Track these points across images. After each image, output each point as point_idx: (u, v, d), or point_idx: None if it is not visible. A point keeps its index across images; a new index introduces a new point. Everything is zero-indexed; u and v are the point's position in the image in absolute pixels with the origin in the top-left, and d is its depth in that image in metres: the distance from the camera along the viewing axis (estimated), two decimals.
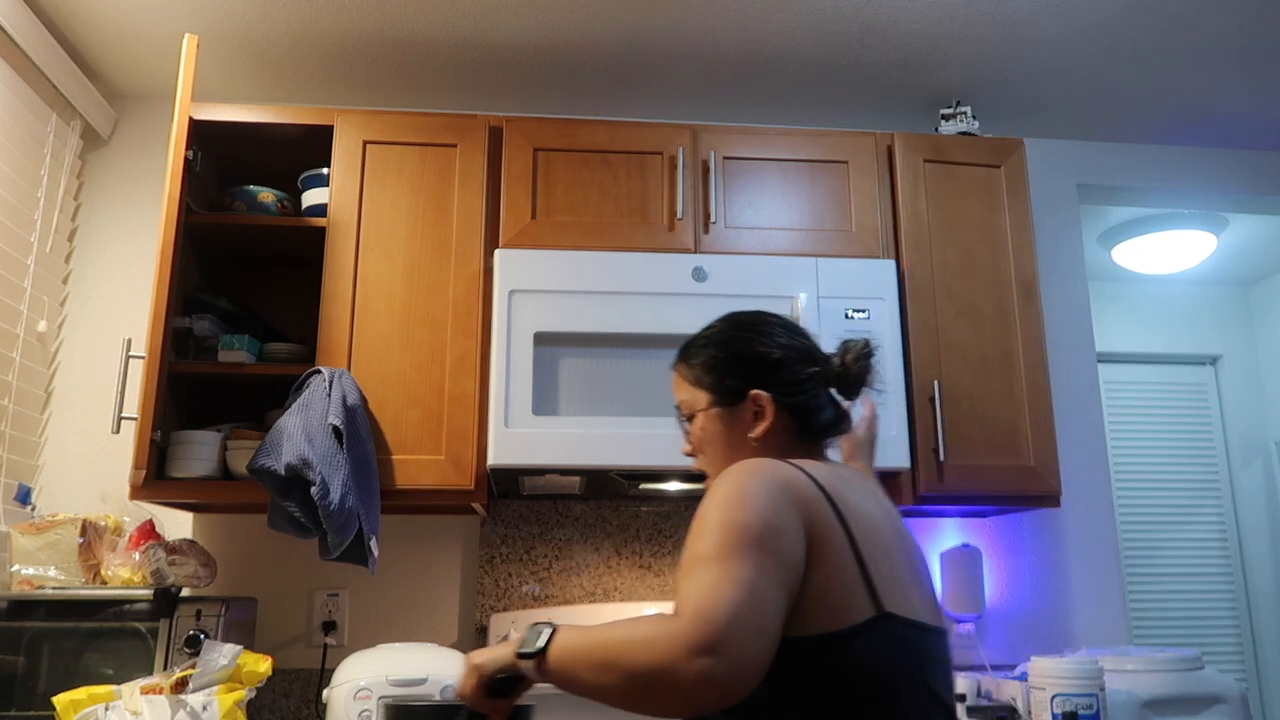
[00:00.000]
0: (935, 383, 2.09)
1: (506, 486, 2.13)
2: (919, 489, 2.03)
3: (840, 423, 1.23)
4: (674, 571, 2.32)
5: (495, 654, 1.05)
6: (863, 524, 1.03)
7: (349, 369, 1.97)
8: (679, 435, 1.91)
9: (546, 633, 0.99)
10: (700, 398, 1.22)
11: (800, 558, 0.95)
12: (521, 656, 0.99)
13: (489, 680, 1.05)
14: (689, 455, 1.24)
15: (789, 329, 1.23)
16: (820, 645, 0.95)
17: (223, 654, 1.63)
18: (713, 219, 2.12)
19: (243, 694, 1.63)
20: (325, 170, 2.16)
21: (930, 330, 2.13)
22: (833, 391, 1.23)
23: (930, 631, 1.04)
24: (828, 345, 1.99)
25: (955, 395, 2.10)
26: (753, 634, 0.85)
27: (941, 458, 2.05)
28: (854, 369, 1.21)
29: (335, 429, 1.80)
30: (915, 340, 2.11)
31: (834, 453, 1.30)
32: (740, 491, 0.97)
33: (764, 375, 1.18)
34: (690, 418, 1.24)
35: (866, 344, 1.22)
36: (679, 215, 2.10)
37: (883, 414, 1.98)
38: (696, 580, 0.90)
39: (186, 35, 1.96)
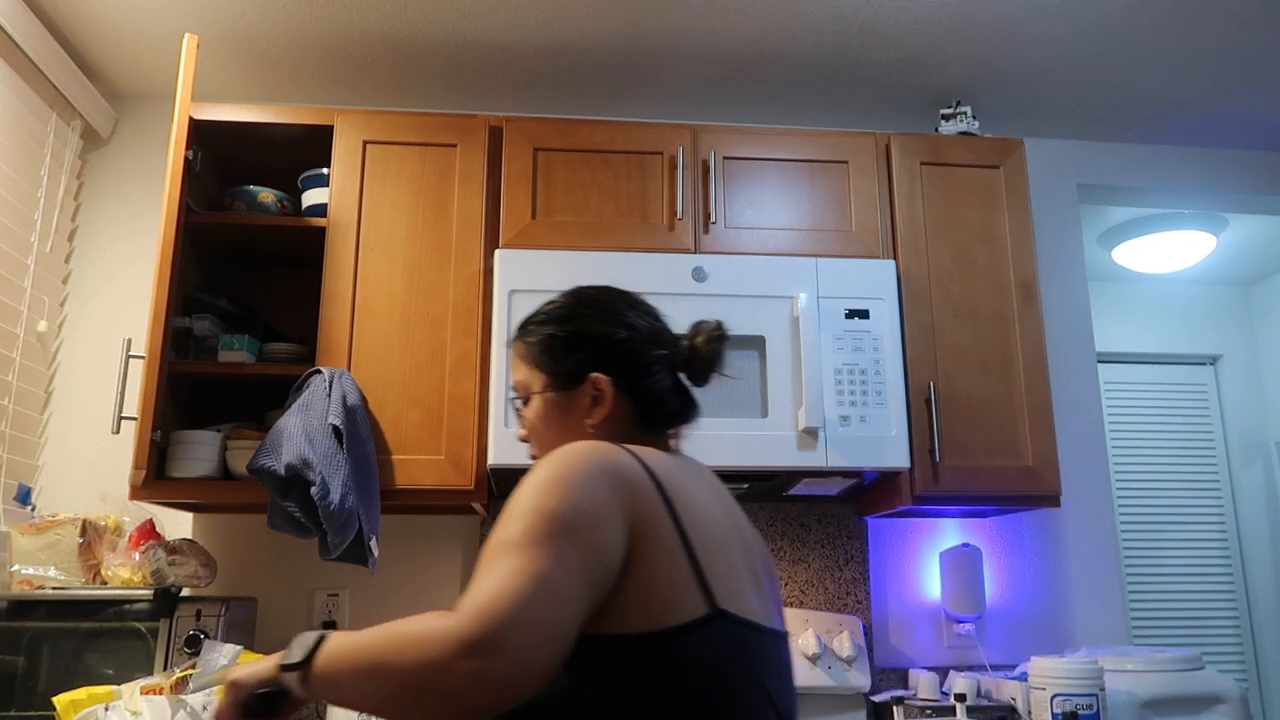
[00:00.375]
0: (931, 384, 2.09)
1: (506, 486, 2.12)
2: (915, 489, 2.03)
3: (686, 411, 1.16)
4: None
5: (257, 668, 0.92)
6: (698, 519, 0.96)
7: (349, 369, 1.97)
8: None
9: (313, 640, 0.88)
10: (536, 379, 1.13)
11: (617, 551, 0.88)
12: (285, 669, 0.88)
13: (247, 699, 0.92)
14: (523, 440, 1.17)
15: (637, 308, 1.15)
16: (647, 643, 0.88)
17: (223, 654, 1.63)
18: (713, 219, 2.12)
19: None
20: (325, 170, 2.16)
21: (926, 332, 2.13)
22: (681, 377, 1.15)
23: (767, 634, 0.98)
24: (827, 345, 2.00)
25: (952, 396, 2.10)
26: (537, 633, 0.78)
27: (937, 459, 2.05)
28: (704, 353, 1.13)
29: (335, 429, 1.80)
30: (911, 342, 2.11)
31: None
32: (557, 476, 0.90)
33: (605, 358, 1.10)
34: (525, 400, 1.15)
35: (718, 326, 1.15)
36: (679, 215, 2.10)
37: (883, 414, 1.98)
38: (487, 572, 0.83)
39: (186, 35, 1.96)
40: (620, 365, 1.10)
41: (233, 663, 1.64)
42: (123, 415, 1.89)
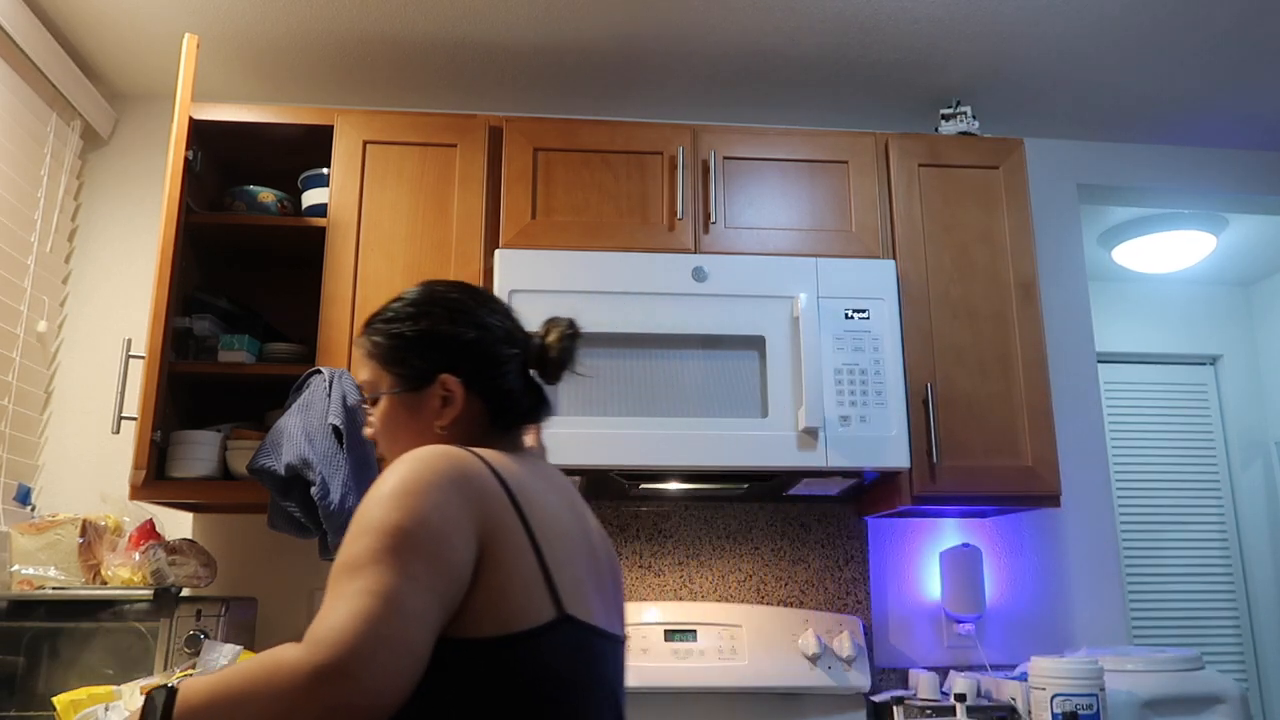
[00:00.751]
0: (929, 385, 2.09)
1: None
2: (914, 490, 2.03)
3: (539, 409, 1.14)
4: (674, 572, 2.32)
5: None
6: (547, 523, 0.96)
7: (349, 369, 1.97)
8: (679, 435, 1.91)
9: (162, 698, 0.83)
10: (383, 379, 1.10)
11: (467, 561, 0.87)
12: None
13: None
14: (371, 439, 1.14)
15: (488, 306, 1.13)
16: (494, 648, 0.87)
17: (223, 654, 1.63)
18: (713, 219, 2.12)
19: None
20: (325, 170, 2.16)
21: (924, 333, 2.13)
22: (533, 374, 1.14)
23: (609, 639, 1.00)
24: (827, 345, 2.00)
25: (951, 397, 2.10)
26: (390, 654, 0.78)
27: (935, 459, 2.05)
28: (555, 351, 1.11)
29: (335, 429, 1.80)
30: (909, 343, 2.11)
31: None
32: (402, 487, 0.88)
33: (455, 357, 1.08)
34: (374, 400, 1.11)
35: (571, 324, 1.13)
36: (679, 215, 2.10)
37: (883, 414, 1.98)
38: (335, 594, 0.82)
39: (186, 35, 1.96)
40: (470, 366, 1.08)
41: (233, 662, 1.64)
42: (123, 415, 1.89)
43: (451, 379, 1.07)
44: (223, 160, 2.26)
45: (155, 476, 1.89)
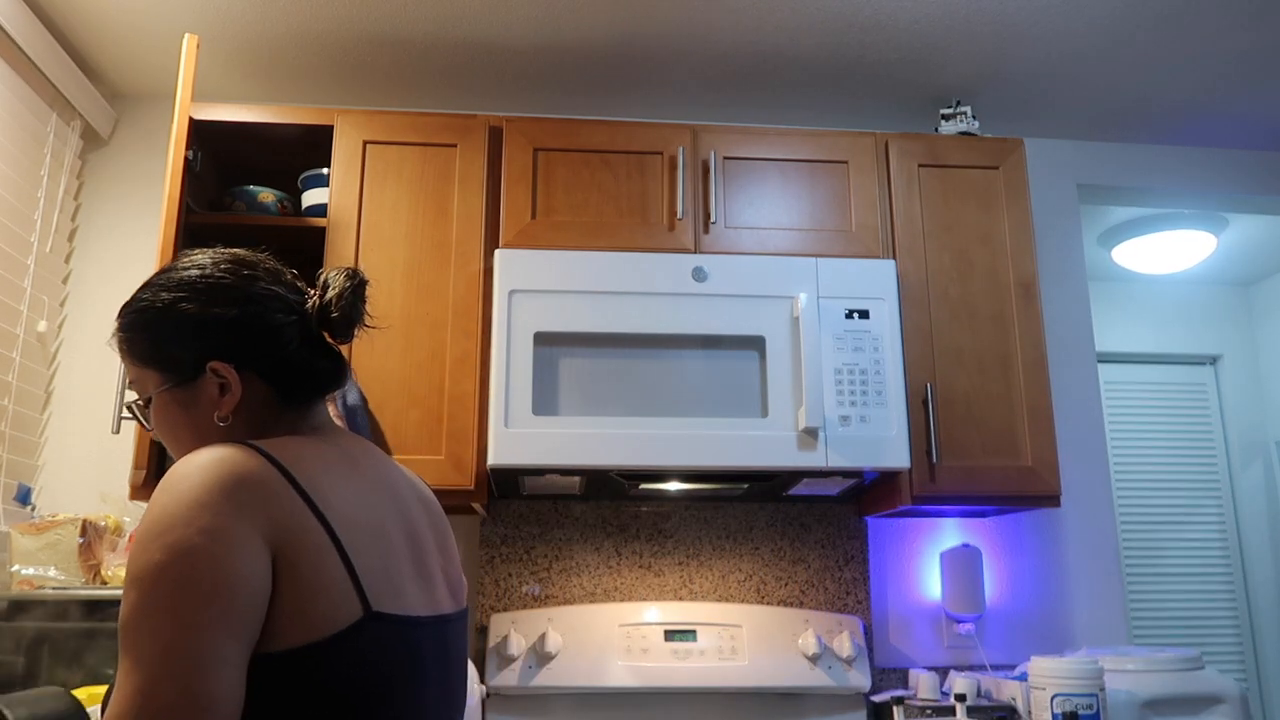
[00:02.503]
0: (928, 385, 2.09)
1: (506, 486, 2.13)
2: (914, 490, 2.03)
3: (335, 376, 1.02)
4: (674, 572, 2.32)
5: None
6: (350, 513, 0.87)
7: (349, 369, 1.97)
8: (679, 435, 1.92)
9: None
10: (150, 377, 0.98)
11: (260, 580, 0.79)
12: None
13: None
14: (157, 441, 1.05)
15: (252, 273, 0.99)
16: (298, 658, 0.79)
17: None
18: (713, 219, 2.12)
19: None
20: (325, 170, 2.16)
21: (924, 333, 2.13)
22: (325, 336, 1.01)
23: (428, 624, 0.92)
24: (827, 345, 2.00)
25: (950, 397, 2.10)
26: (191, 717, 0.72)
27: (935, 459, 2.05)
28: (337, 307, 0.98)
29: None
30: (909, 343, 2.11)
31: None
32: (163, 520, 0.78)
33: (221, 340, 0.95)
34: (146, 402, 0.99)
35: (351, 273, 1.00)
36: (679, 215, 2.10)
37: (884, 414, 1.98)
38: (120, 665, 0.74)
39: (186, 35, 1.96)
40: (241, 345, 0.95)
41: None
42: (123, 415, 1.89)
43: (222, 365, 0.95)
44: (223, 160, 2.26)
45: (155, 476, 1.88)
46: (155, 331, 0.97)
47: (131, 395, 1.01)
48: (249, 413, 0.96)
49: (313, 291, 1.00)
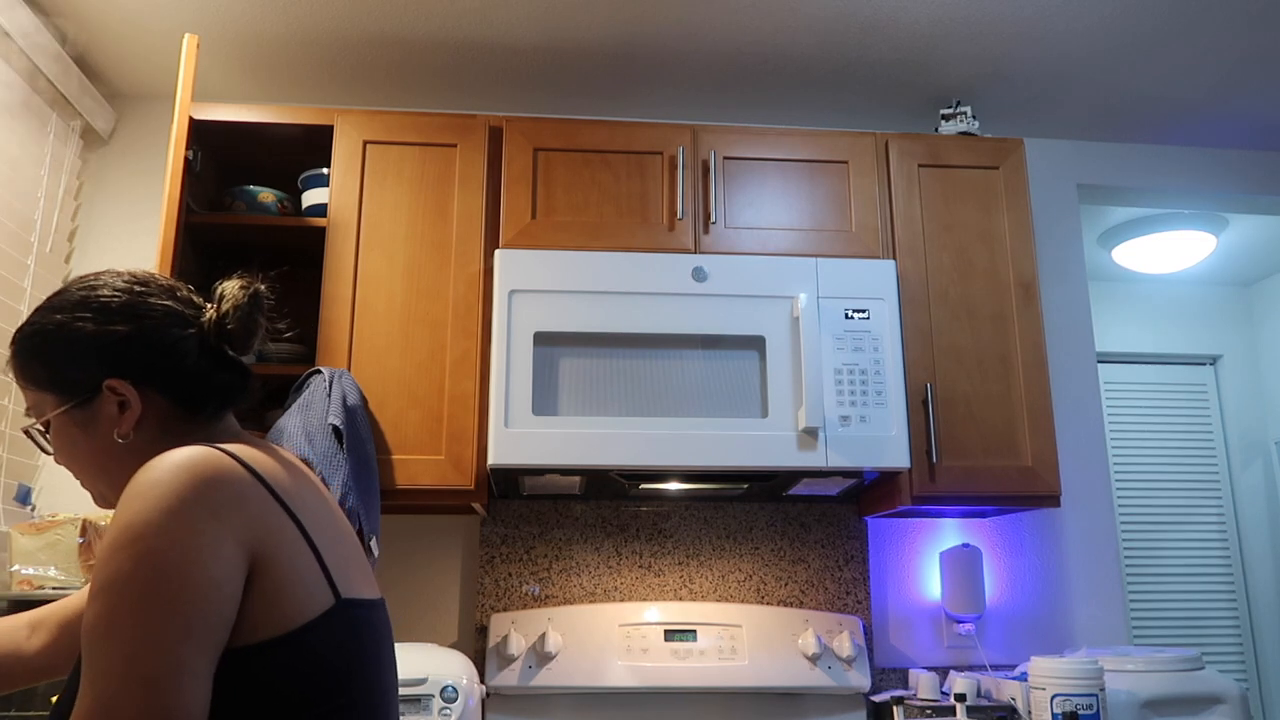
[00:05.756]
0: (928, 385, 2.10)
1: (506, 486, 2.13)
2: (913, 490, 2.04)
3: (238, 387, 1.00)
4: (674, 572, 2.32)
5: None
6: (307, 508, 0.89)
7: (349, 369, 1.97)
8: (679, 435, 1.92)
9: None
10: (46, 400, 0.97)
11: (234, 589, 0.79)
12: None
13: None
14: (62, 465, 1.00)
15: (145, 289, 0.98)
16: (270, 650, 0.80)
17: None
18: (713, 219, 2.12)
19: None
20: (325, 170, 2.16)
21: (924, 333, 2.13)
22: (226, 349, 1.00)
23: (376, 606, 0.95)
24: (827, 345, 2.00)
25: (950, 398, 2.10)
26: None
27: (935, 459, 2.05)
28: (233, 320, 0.98)
29: (335, 429, 1.80)
30: (909, 343, 2.11)
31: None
32: (145, 523, 0.77)
33: (114, 358, 0.94)
34: (46, 426, 0.98)
35: (245, 285, 0.99)
36: (679, 215, 2.10)
37: (884, 414, 1.98)
38: (84, 676, 0.73)
39: (186, 35, 1.96)
40: (137, 363, 0.95)
41: None
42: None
43: (119, 382, 0.94)
44: (223, 160, 2.26)
45: None
46: (49, 354, 0.96)
47: (28, 421, 1.00)
48: (152, 429, 0.95)
49: (210, 305, 1.00)
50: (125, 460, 0.94)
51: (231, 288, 0.99)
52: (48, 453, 1.00)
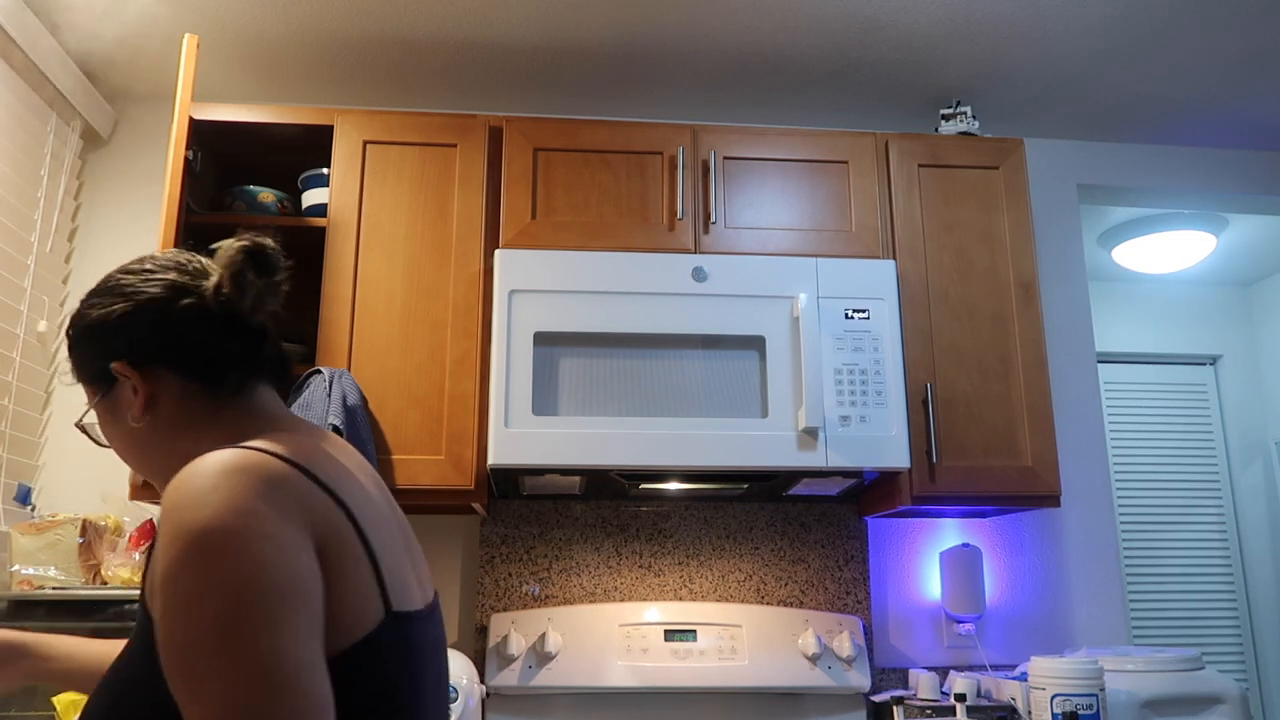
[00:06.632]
0: (929, 385, 2.10)
1: (506, 486, 2.13)
2: (913, 490, 2.04)
3: (255, 354, 0.93)
4: (674, 572, 2.32)
5: None
6: (367, 513, 0.83)
7: (349, 369, 1.97)
8: (679, 435, 1.92)
9: None
10: (87, 393, 0.95)
11: (320, 587, 0.75)
12: None
13: None
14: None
15: (138, 268, 0.94)
16: (332, 667, 0.75)
17: None
18: (713, 219, 2.12)
19: None
20: (325, 170, 2.16)
21: (924, 333, 2.13)
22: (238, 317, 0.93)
23: (425, 616, 0.89)
24: (827, 345, 2.00)
25: (950, 398, 2.10)
26: None
27: (935, 459, 2.05)
28: (229, 284, 0.90)
29: (335, 429, 1.80)
30: (909, 343, 2.11)
31: None
32: (219, 529, 0.71)
33: (115, 338, 0.90)
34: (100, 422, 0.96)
35: (242, 242, 0.90)
36: (679, 215, 2.10)
37: (884, 414, 1.98)
38: (208, 698, 0.67)
39: (186, 35, 1.96)
40: (134, 342, 0.90)
41: None
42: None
43: (120, 364, 0.90)
44: (223, 160, 2.26)
45: None
46: (74, 345, 0.95)
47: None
48: (170, 410, 0.91)
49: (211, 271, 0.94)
50: (157, 446, 0.91)
51: (227, 246, 0.90)
52: (104, 445, 0.97)
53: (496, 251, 2.00)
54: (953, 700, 2.01)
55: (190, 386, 0.91)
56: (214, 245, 0.93)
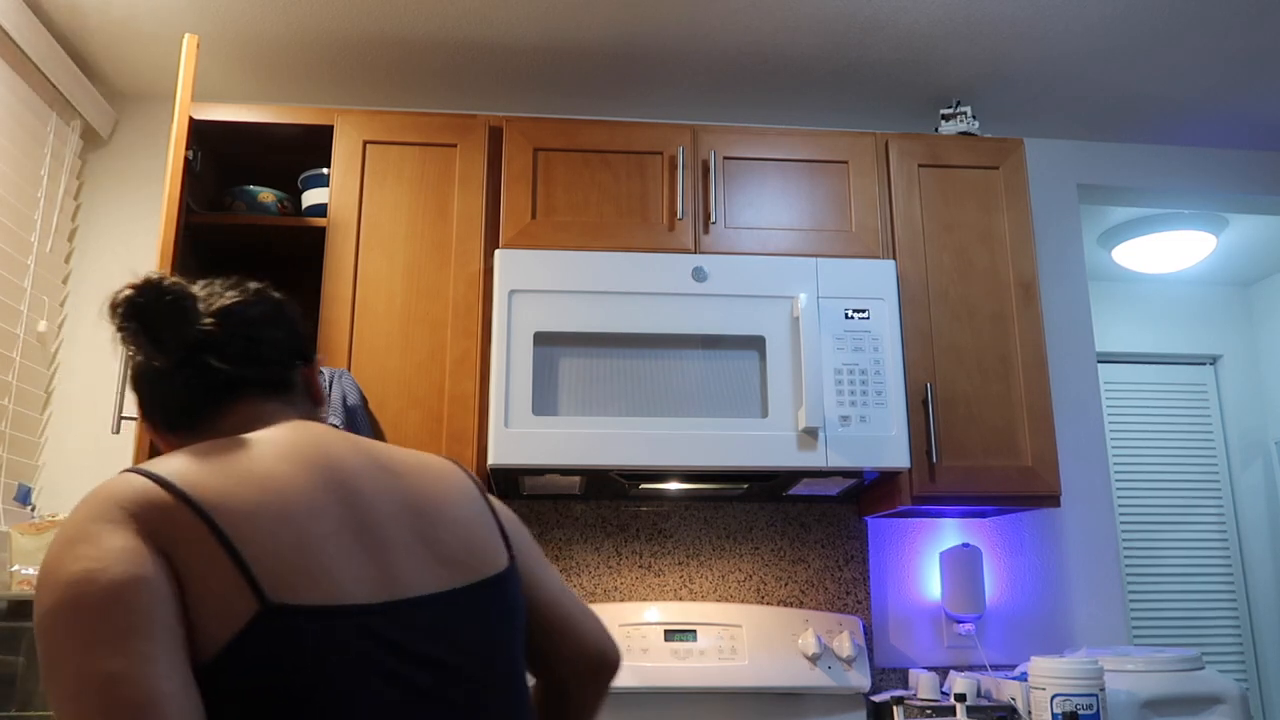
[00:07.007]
0: (929, 385, 2.10)
1: (507, 487, 2.13)
2: (913, 490, 2.04)
3: (197, 387, 0.93)
4: (674, 572, 2.32)
5: None
6: (248, 503, 0.78)
7: (349, 369, 1.97)
8: (679, 435, 1.92)
9: None
10: None
11: (173, 597, 0.73)
12: None
13: None
14: None
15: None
16: (209, 671, 0.72)
17: None
18: (713, 219, 2.12)
19: None
20: (325, 170, 2.16)
21: (924, 333, 2.13)
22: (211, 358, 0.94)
23: (369, 612, 0.80)
24: (827, 345, 2.00)
25: (950, 398, 2.10)
26: None
27: (935, 459, 2.05)
28: (126, 335, 0.91)
29: (335, 429, 1.80)
30: (909, 343, 2.11)
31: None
32: (52, 556, 0.74)
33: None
34: None
35: (125, 294, 0.89)
36: (679, 215, 2.10)
37: (884, 414, 1.98)
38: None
39: (186, 35, 1.96)
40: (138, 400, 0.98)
41: None
42: (123, 415, 1.89)
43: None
44: (223, 160, 2.26)
45: None
46: None
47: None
48: (168, 443, 0.97)
49: None
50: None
51: (116, 296, 0.91)
52: None
53: (496, 251, 2.00)
54: (953, 700, 2.01)
55: (160, 421, 0.96)
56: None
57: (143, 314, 0.90)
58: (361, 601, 0.80)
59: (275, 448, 0.86)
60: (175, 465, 0.81)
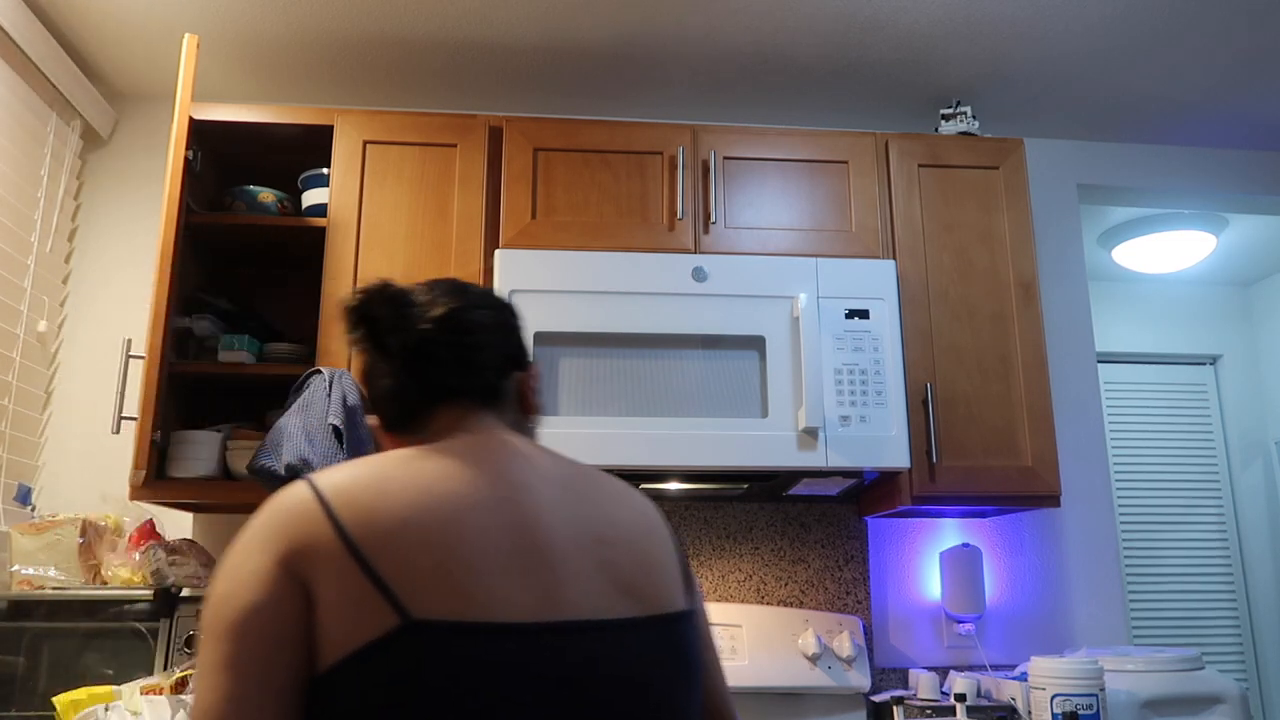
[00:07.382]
0: (928, 386, 2.10)
1: None
2: (913, 490, 2.04)
3: (411, 390, 0.97)
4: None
5: None
6: (395, 519, 0.80)
7: (349, 369, 1.97)
8: (679, 435, 1.92)
9: None
10: None
11: (283, 608, 0.78)
12: None
13: None
14: None
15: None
16: (331, 679, 0.76)
17: None
18: (713, 219, 2.12)
19: None
20: (325, 170, 2.16)
21: (924, 333, 2.13)
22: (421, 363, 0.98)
23: (528, 632, 0.80)
24: (827, 345, 2.00)
25: (950, 398, 2.10)
26: None
27: (935, 459, 2.05)
28: (356, 329, 0.97)
29: (335, 429, 1.80)
30: (909, 343, 2.11)
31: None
32: (222, 569, 0.82)
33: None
34: None
35: (352, 300, 0.96)
36: (679, 215, 2.10)
37: (884, 414, 1.98)
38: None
39: (186, 35, 1.96)
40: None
41: None
42: (123, 415, 1.89)
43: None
44: (223, 160, 2.26)
45: (155, 476, 1.89)
46: None
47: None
48: (391, 440, 1.02)
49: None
50: None
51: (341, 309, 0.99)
52: None
53: (496, 251, 2.00)
54: (953, 700, 2.01)
55: (381, 430, 1.02)
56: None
57: (367, 318, 0.95)
58: (515, 620, 0.80)
59: (447, 463, 0.87)
60: (337, 477, 0.85)
